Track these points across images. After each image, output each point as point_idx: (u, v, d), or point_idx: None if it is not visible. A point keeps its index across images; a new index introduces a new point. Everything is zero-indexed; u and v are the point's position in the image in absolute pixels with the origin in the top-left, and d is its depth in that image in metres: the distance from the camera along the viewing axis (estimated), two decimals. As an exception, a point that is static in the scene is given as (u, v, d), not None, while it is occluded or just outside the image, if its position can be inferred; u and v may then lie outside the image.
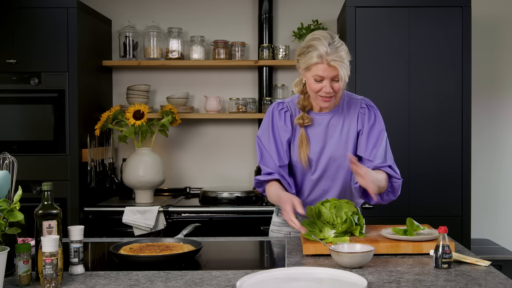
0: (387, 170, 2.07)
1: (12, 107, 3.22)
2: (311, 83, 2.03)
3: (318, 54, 1.97)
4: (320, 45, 1.97)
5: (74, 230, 1.72)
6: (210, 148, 3.88)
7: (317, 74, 1.99)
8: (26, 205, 1.90)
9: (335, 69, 1.97)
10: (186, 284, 1.59)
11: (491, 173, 3.85)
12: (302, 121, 2.12)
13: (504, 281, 1.59)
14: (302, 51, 2.03)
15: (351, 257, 1.71)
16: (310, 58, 1.99)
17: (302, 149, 2.12)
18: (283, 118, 2.17)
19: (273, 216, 2.37)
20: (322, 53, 1.96)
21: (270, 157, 2.15)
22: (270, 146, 2.16)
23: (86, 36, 3.39)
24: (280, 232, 2.29)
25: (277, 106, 2.20)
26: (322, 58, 1.96)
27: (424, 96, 3.24)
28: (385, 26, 3.24)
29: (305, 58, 2.01)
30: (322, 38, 1.98)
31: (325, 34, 2.00)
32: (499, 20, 3.83)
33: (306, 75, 2.04)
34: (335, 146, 2.13)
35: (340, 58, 1.97)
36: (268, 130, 2.18)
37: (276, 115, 2.18)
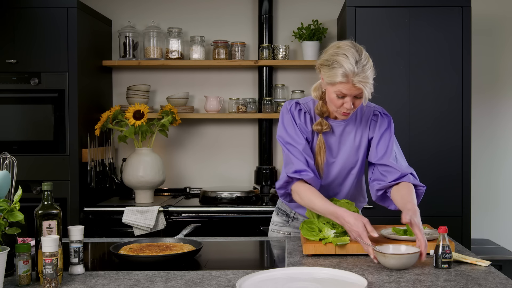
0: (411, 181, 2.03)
1: (12, 107, 3.22)
2: (333, 98, 1.95)
3: (343, 73, 1.87)
4: (346, 63, 1.87)
5: (74, 230, 1.72)
6: (210, 148, 3.88)
7: (341, 91, 1.91)
8: (26, 205, 1.90)
9: (359, 89, 1.90)
10: (186, 284, 1.59)
11: (491, 173, 3.85)
12: (321, 128, 2.06)
13: (504, 281, 1.59)
14: (327, 63, 1.93)
15: (397, 258, 1.70)
16: (334, 75, 1.89)
17: (320, 156, 2.07)
18: (303, 118, 2.09)
19: (273, 216, 2.35)
20: (348, 72, 1.87)
21: (301, 153, 2.03)
22: (299, 142, 2.04)
23: (86, 36, 3.39)
24: (280, 232, 2.29)
25: (295, 106, 2.11)
26: (347, 77, 1.88)
27: (424, 96, 3.24)
28: (385, 26, 3.24)
29: (329, 73, 1.91)
30: (349, 56, 1.88)
31: (352, 51, 1.90)
32: (499, 20, 3.83)
33: (328, 88, 1.95)
34: (348, 154, 2.10)
35: (366, 78, 1.89)
36: (292, 127, 2.07)
37: (296, 114, 2.09)
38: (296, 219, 2.26)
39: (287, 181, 2.05)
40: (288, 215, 2.27)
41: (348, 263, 1.81)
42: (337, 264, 1.80)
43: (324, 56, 1.97)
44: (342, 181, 2.15)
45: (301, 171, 2.01)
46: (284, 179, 2.05)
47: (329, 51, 1.96)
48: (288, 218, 2.27)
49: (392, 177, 2.04)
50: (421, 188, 2.07)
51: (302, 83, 3.81)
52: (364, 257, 1.88)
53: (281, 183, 2.07)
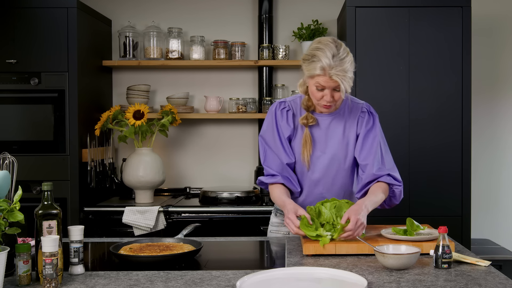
0: (386, 180, 2.10)
1: (12, 107, 3.22)
2: (313, 91, 2.05)
3: (321, 66, 1.97)
4: (323, 57, 1.96)
5: (74, 230, 1.72)
6: (210, 148, 3.88)
7: (319, 83, 2.00)
8: (26, 205, 1.90)
9: (336, 82, 1.98)
10: (186, 284, 1.59)
11: (491, 173, 3.85)
12: (307, 121, 2.14)
13: (504, 281, 1.60)
14: (307, 58, 2.03)
15: (397, 258, 1.70)
16: (313, 69, 1.99)
17: (306, 149, 2.13)
18: (285, 116, 2.18)
19: (272, 217, 2.37)
20: (325, 65, 1.96)
21: (276, 156, 2.16)
22: (276, 145, 2.17)
23: (86, 36, 3.39)
24: (278, 232, 2.30)
25: (279, 105, 2.21)
26: (324, 70, 1.97)
27: (424, 96, 3.23)
28: (385, 26, 3.24)
29: (309, 66, 2.01)
30: (327, 49, 1.97)
31: (330, 45, 1.99)
32: (499, 20, 3.83)
33: (309, 81, 2.05)
34: (336, 147, 2.16)
35: (343, 71, 1.97)
36: (272, 129, 2.18)
37: (278, 114, 2.19)
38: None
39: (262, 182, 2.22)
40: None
41: (348, 263, 1.81)
42: (337, 264, 1.80)
43: (306, 51, 2.07)
44: (334, 176, 2.18)
45: (273, 175, 2.16)
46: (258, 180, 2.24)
47: (310, 46, 2.06)
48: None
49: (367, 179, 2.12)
50: (397, 187, 2.14)
51: (302, 83, 3.81)
52: (364, 257, 1.88)
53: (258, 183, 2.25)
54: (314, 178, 2.18)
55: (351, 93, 3.16)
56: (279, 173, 2.15)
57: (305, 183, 2.20)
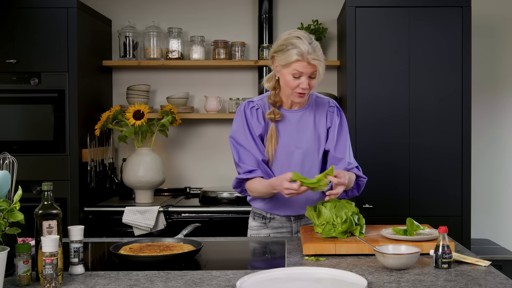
0: (355, 172, 2.21)
1: (12, 107, 3.22)
2: (289, 80, 2.08)
3: (299, 52, 2.03)
4: (301, 44, 2.03)
5: (74, 230, 1.72)
6: (210, 148, 3.88)
7: (297, 70, 2.05)
8: (26, 205, 1.90)
9: (314, 67, 2.05)
10: (186, 284, 1.59)
11: (491, 173, 3.85)
12: (273, 116, 2.18)
13: (504, 281, 1.59)
14: (280, 48, 2.08)
15: (397, 258, 1.70)
16: (290, 56, 2.04)
17: (271, 143, 2.18)
18: (255, 115, 2.21)
19: (250, 220, 2.38)
20: (303, 51, 2.03)
21: (250, 154, 2.18)
22: (249, 143, 2.19)
23: (86, 36, 3.39)
24: (259, 235, 2.31)
25: (248, 105, 2.24)
26: (303, 56, 2.03)
27: (424, 96, 3.23)
28: (385, 26, 3.24)
29: (285, 55, 2.06)
30: (303, 38, 2.05)
31: (304, 34, 2.07)
32: (499, 20, 3.83)
33: (283, 71, 2.09)
34: (309, 141, 2.21)
35: (319, 57, 2.05)
36: (243, 128, 2.21)
37: (248, 113, 2.22)
38: (273, 219, 2.29)
39: (240, 181, 2.22)
40: (265, 217, 2.31)
41: (348, 263, 1.81)
42: (337, 264, 1.80)
43: (277, 43, 2.12)
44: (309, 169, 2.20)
45: (251, 171, 2.17)
46: (236, 180, 2.23)
47: (281, 38, 2.12)
48: (265, 220, 2.31)
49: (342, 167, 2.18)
50: (362, 179, 2.24)
51: (302, 83, 3.81)
52: (364, 257, 1.88)
53: (234, 183, 2.25)
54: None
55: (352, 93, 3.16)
56: (257, 168, 2.17)
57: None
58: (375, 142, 3.23)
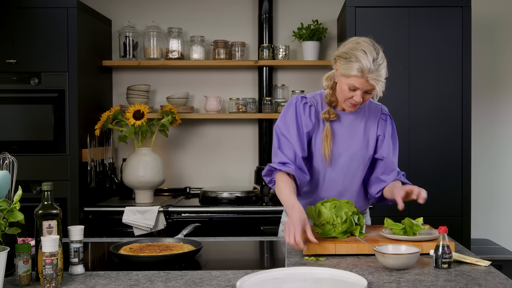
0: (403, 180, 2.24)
1: (12, 107, 3.22)
2: (344, 90, 2.04)
3: (360, 68, 1.97)
4: (364, 60, 1.96)
5: (74, 230, 1.72)
6: (210, 148, 3.88)
7: (354, 84, 2.00)
8: (26, 205, 1.90)
9: (371, 86, 1.99)
10: (186, 284, 1.59)
11: (491, 173, 3.85)
12: (328, 116, 2.13)
13: (504, 281, 1.59)
14: (344, 56, 2.01)
15: (397, 258, 1.70)
16: (350, 69, 1.98)
17: (327, 143, 2.13)
18: (308, 111, 2.16)
19: (283, 216, 2.35)
20: (364, 68, 1.96)
21: (291, 146, 2.11)
22: (293, 136, 2.12)
23: (86, 36, 3.39)
24: None
25: (301, 100, 2.18)
26: (363, 73, 1.97)
27: (424, 96, 3.24)
28: (385, 26, 3.24)
29: (346, 65, 2.00)
30: (368, 53, 1.97)
31: (371, 48, 1.99)
32: (499, 20, 3.83)
33: (341, 79, 2.04)
34: (358, 145, 2.17)
35: (380, 76, 1.99)
36: (292, 120, 2.14)
37: (300, 108, 2.16)
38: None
39: (271, 169, 2.14)
40: None
41: (348, 263, 1.81)
42: (337, 264, 1.80)
43: (342, 49, 2.05)
44: (353, 174, 2.18)
45: (284, 163, 2.09)
46: (267, 167, 2.14)
47: (348, 45, 2.05)
48: None
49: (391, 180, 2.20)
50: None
51: (302, 83, 3.81)
52: (364, 257, 1.88)
53: (265, 171, 2.16)
54: (333, 176, 2.17)
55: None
56: (292, 163, 2.10)
57: (322, 181, 2.19)
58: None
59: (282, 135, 2.14)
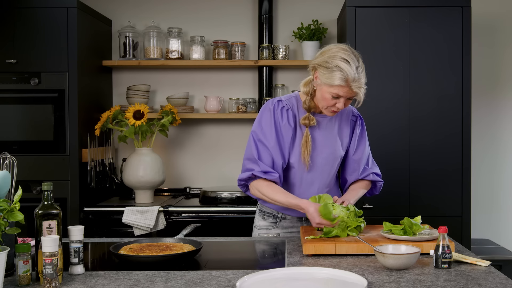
0: (370, 178, 2.28)
1: (12, 107, 3.22)
2: (327, 98, 2.06)
3: (343, 78, 1.99)
4: (347, 69, 1.99)
5: (74, 230, 1.72)
6: (210, 148, 3.88)
7: (337, 93, 2.03)
8: (26, 205, 1.90)
9: (355, 93, 2.04)
10: (186, 284, 1.59)
11: (491, 173, 3.85)
12: (308, 122, 2.15)
13: (504, 281, 1.60)
14: (325, 65, 2.03)
15: (396, 258, 1.70)
16: (333, 78, 2.00)
17: (306, 149, 2.14)
18: (286, 116, 2.16)
19: (258, 219, 2.35)
20: (348, 77, 1.99)
21: (271, 155, 2.14)
22: (273, 144, 2.14)
23: (86, 36, 3.39)
24: (268, 235, 2.29)
25: (278, 104, 2.18)
26: (347, 81, 2.00)
27: (424, 96, 3.23)
28: (385, 26, 3.24)
29: (328, 75, 2.02)
30: (350, 61, 2.00)
31: (352, 56, 2.01)
32: (499, 20, 3.83)
33: (323, 88, 2.06)
34: (333, 147, 2.21)
35: (362, 84, 2.03)
36: (270, 127, 2.15)
37: (278, 113, 2.16)
38: (284, 218, 2.29)
39: (250, 177, 2.15)
40: (276, 216, 2.29)
41: (348, 263, 1.81)
42: (337, 264, 1.80)
43: (321, 58, 2.06)
44: (327, 175, 2.23)
45: (267, 172, 2.12)
46: (248, 175, 2.14)
47: (327, 53, 2.05)
48: (275, 220, 2.29)
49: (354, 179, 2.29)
50: (379, 182, 2.33)
51: (302, 83, 3.81)
52: (364, 257, 1.88)
53: (244, 177, 2.16)
54: (309, 178, 2.20)
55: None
56: (276, 171, 2.14)
57: (299, 183, 2.22)
58: (375, 142, 3.22)
59: (260, 141, 2.15)
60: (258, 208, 2.37)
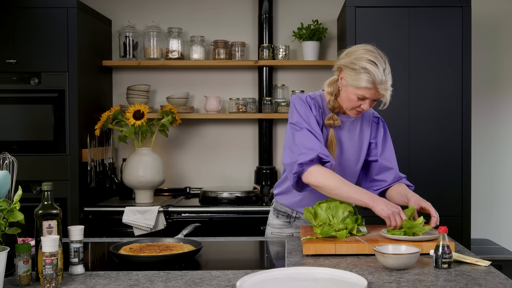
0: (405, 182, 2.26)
1: (12, 107, 3.22)
2: (352, 99, 2.04)
3: (371, 80, 1.97)
4: (375, 72, 1.96)
5: (74, 230, 1.72)
6: (210, 148, 3.88)
7: (364, 95, 2.01)
8: (26, 205, 1.90)
9: (381, 95, 2.01)
10: (186, 284, 1.59)
11: (491, 173, 3.85)
12: (333, 122, 2.12)
13: (504, 281, 1.60)
14: (352, 66, 2.00)
15: (397, 258, 1.70)
16: (360, 80, 1.98)
17: (332, 150, 2.12)
18: (315, 110, 2.12)
19: (272, 218, 2.33)
20: (376, 80, 1.97)
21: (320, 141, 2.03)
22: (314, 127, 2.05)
23: (86, 36, 3.39)
24: (281, 235, 2.28)
25: (310, 98, 2.13)
26: (374, 84, 1.97)
27: (424, 96, 3.23)
28: (385, 26, 3.24)
29: (355, 77, 1.99)
30: (378, 64, 1.97)
31: (379, 58, 1.99)
32: (499, 20, 3.83)
33: (349, 89, 2.03)
34: (355, 148, 2.19)
35: (388, 86, 2.00)
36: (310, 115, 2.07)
37: (311, 104, 2.11)
38: (298, 218, 2.27)
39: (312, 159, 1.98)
40: (290, 216, 2.27)
41: (348, 263, 1.81)
42: (337, 264, 1.80)
43: (347, 58, 2.03)
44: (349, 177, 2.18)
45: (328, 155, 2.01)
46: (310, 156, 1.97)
47: (353, 54, 2.02)
48: (290, 219, 2.28)
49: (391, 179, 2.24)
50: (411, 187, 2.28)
51: (302, 83, 3.81)
52: (364, 257, 1.88)
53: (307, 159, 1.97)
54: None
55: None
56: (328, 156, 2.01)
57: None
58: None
59: (306, 129, 2.03)
60: (272, 206, 2.35)
